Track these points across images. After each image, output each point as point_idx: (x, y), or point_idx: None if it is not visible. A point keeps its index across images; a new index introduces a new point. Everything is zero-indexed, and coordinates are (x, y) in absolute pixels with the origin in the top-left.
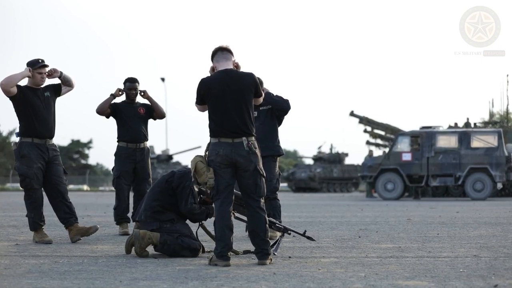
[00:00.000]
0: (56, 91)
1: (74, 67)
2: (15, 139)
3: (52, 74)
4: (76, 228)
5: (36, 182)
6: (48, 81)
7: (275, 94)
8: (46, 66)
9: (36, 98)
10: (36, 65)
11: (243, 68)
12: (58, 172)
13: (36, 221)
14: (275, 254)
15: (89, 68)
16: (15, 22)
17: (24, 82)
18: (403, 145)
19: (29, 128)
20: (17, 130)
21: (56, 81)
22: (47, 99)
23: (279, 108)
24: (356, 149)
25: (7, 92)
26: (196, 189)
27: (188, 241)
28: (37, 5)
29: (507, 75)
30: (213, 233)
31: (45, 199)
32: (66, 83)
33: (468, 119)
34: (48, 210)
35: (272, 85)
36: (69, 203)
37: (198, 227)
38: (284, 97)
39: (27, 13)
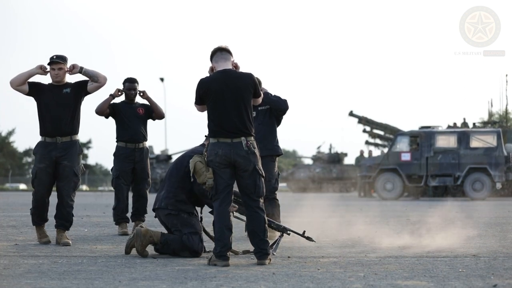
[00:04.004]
0: (82, 87)
1: None
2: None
3: (71, 70)
4: (60, 234)
5: (37, 182)
6: (77, 78)
7: (273, 94)
8: (59, 62)
9: (49, 96)
10: (49, 61)
11: (242, 68)
12: (61, 175)
13: (34, 219)
14: (274, 254)
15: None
16: (15, 21)
17: (49, 79)
18: (402, 145)
19: (40, 126)
20: None
21: (83, 77)
22: (65, 95)
23: (277, 108)
24: (356, 149)
25: (17, 90)
26: None
27: (193, 242)
28: (37, 4)
29: (506, 75)
30: (211, 233)
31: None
32: (90, 79)
33: (464, 119)
34: (50, 209)
35: (272, 85)
36: (66, 210)
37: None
38: (282, 97)
39: (27, 12)
